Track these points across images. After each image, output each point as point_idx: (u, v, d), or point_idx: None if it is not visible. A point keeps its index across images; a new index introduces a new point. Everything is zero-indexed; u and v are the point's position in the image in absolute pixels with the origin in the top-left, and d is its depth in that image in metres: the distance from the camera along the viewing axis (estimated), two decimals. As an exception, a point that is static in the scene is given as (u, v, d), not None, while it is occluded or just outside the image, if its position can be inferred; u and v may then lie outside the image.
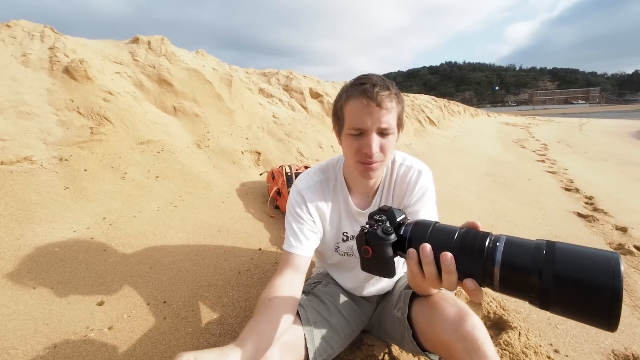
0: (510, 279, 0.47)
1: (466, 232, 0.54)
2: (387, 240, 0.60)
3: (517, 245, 0.48)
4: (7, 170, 1.64)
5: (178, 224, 1.80)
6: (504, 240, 0.49)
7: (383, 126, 0.79)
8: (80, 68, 2.41)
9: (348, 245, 1.01)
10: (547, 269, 0.43)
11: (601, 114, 33.06)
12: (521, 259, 0.46)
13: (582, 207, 3.06)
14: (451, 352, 0.72)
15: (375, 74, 0.84)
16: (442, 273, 0.53)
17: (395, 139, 0.85)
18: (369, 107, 0.78)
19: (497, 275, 0.48)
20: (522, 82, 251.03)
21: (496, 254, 0.48)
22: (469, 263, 0.51)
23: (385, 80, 0.82)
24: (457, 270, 0.52)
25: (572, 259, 0.43)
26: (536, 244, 0.47)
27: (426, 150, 5.79)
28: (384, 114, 0.78)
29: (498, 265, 0.47)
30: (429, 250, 0.54)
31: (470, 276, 0.51)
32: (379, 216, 0.64)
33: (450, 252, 0.52)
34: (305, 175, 1.00)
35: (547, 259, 0.44)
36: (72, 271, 1.33)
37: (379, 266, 0.63)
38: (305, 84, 5.00)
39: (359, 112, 0.79)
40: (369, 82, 0.79)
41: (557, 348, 1.24)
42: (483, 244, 0.50)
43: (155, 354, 1.04)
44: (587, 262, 0.41)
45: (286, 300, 0.78)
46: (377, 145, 0.79)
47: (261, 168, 2.92)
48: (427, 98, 12.39)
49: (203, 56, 3.80)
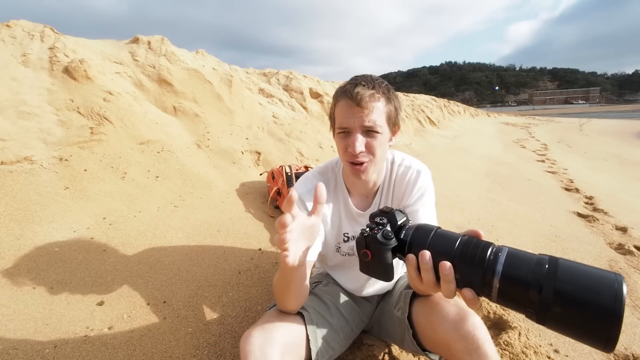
0: (509, 291, 0.47)
1: (468, 241, 0.53)
2: (387, 245, 0.59)
3: (518, 258, 0.48)
4: (7, 170, 1.64)
5: (178, 224, 1.80)
6: (505, 252, 0.49)
7: (366, 124, 0.81)
8: (80, 68, 2.41)
9: (349, 246, 1.01)
10: (547, 284, 0.43)
11: (601, 114, 33.06)
12: (522, 273, 0.46)
13: (582, 207, 3.06)
14: (452, 352, 0.72)
15: (368, 75, 0.86)
16: (441, 281, 0.53)
17: (386, 138, 0.86)
18: (351, 107, 0.81)
19: (496, 287, 0.47)
20: (522, 82, 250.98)
21: (497, 266, 0.48)
22: (468, 272, 0.50)
23: (374, 81, 0.83)
24: (456, 278, 0.52)
25: (575, 277, 0.42)
26: (538, 258, 0.46)
27: (426, 150, 5.79)
28: (366, 114, 0.80)
29: (498, 276, 0.47)
30: (428, 258, 0.54)
31: (469, 285, 0.51)
32: (380, 218, 0.63)
33: (449, 262, 0.51)
34: (304, 179, 1.01)
35: (549, 275, 0.43)
36: (72, 271, 1.33)
37: (377, 270, 0.62)
38: (305, 83, 5.00)
39: (343, 113, 0.83)
40: (354, 82, 0.82)
41: (557, 348, 1.24)
42: (484, 254, 0.50)
43: (155, 354, 1.04)
44: (589, 282, 0.41)
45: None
46: (361, 144, 0.81)
47: (261, 168, 2.92)
48: (427, 98, 12.39)
49: (203, 56, 3.80)
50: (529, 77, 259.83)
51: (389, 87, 0.86)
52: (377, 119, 0.81)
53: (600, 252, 2.06)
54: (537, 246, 2.11)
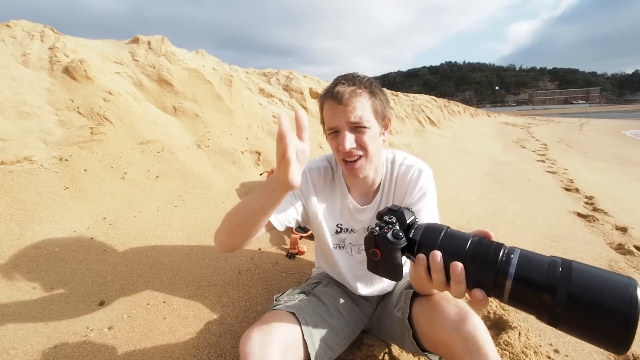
0: (521, 293, 0.46)
1: (479, 242, 0.53)
2: (397, 244, 0.59)
3: (531, 260, 0.47)
4: (7, 170, 1.64)
5: (178, 224, 1.80)
6: (518, 254, 0.49)
7: (352, 121, 0.81)
8: (80, 68, 2.41)
9: (340, 238, 1.01)
10: (561, 287, 0.43)
11: (601, 114, 33.07)
12: (535, 275, 0.45)
13: (582, 207, 3.06)
14: (452, 352, 0.72)
15: (350, 73, 0.87)
16: (451, 282, 0.53)
17: (376, 132, 0.86)
18: (335, 107, 0.82)
19: (508, 289, 0.47)
20: (522, 82, 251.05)
21: (509, 268, 0.47)
22: (480, 273, 0.50)
23: (354, 77, 0.84)
24: (467, 279, 0.51)
25: (589, 281, 0.42)
26: (551, 260, 0.46)
27: (426, 150, 5.79)
28: (350, 110, 0.81)
29: (511, 278, 0.47)
30: (440, 259, 0.54)
31: (480, 286, 0.50)
32: (389, 217, 0.62)
33: (461, 262, 0.51)
34: (312, 159, 1.04)
35: (563, 278, 0.43)
36: (72, 271, 1.33)
37: (386, 270, 0.62)
38: (305, 83, 5.00)
39: (329, 113, 0.85)
40: (335, 82, 0.84)
41: (557, 348, 1.24)
42: (496, 255, 0.49)
43: (155, 354, 1.04)
44: (603, 286, 0.41)
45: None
46: (350, 141, 0.82)
47: (261, 168, 2.92)
48: (427, 98, 12.39)
49: (203, 56, 3.80)
50: (529, 77, 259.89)
51: (371, 82, 0.86)
52: (362, 114, 0.82)
53: (600, 252, 2.06)
54: (537, 246, 2.11)
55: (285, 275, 1.53)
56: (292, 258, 1.68)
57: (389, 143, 5.50)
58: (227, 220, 0.81)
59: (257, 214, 0.73)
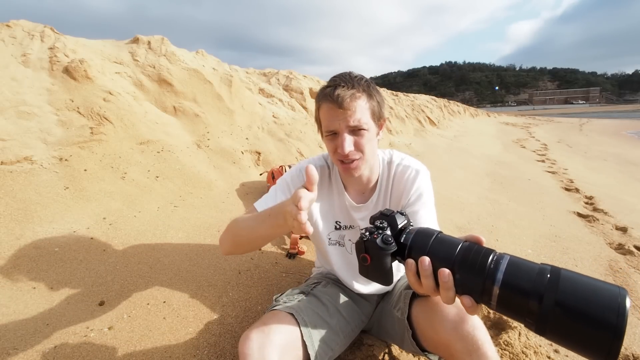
0: (508, 300, 0.46)
1: (469, 247, 0.52)
2: (386, 250, 0.58)
3: (520, 266, 0.47)
4: (7, 170, 1.64)
5: (178, 224, 1.80)
6: (507, 260, 0.48)
7: (352, 124, 0.82)
8: (80, 68, 2.41)
9: (340, 234, 1.02)
10: (548, 295, 0.42)
11: (601, 114, 33.08)
12: (523, 282, 0.45)
13: (582, 207, 3.06)
14: (451, 352, 0.72)
15: (347, 73, 0.86)
16: (440, 288, 0.53)
17: (373, 134, 0.87)
18: (334, 110, 0.82)
19: (495, 295, 0.47)
20: (522, 82, 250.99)
21: (497, 274, 0.47)
22: (468, 279, 0.50)
23: (352, 79, 0.84)
24: (455, 285, 0.51)
25: (577, 289, 0.41)
26: (540, 267, 0.46)
27: (426, 150, 5.79)
28: (350, 114, 0.81)
29: (498, 284, 0.46)
30: (428, 264, 0.53)
31: (468, 293, 0.50)
32: (381, 222, 0.62)
33: (448, 269, 0.51)
34: (311, 158, 1.07)
35: (550, 285, 0.43)
36: (72, 271, 1.33)
37: (376, 274, 0.62)
38: (305, 83, 5.00)
39: (327, 116, 0.84)
40: (333, 84, 0.83)
41: (557, 348, 1.24)
42: (485, 261, 0.49)
43: (155, 354, 1.04)
44: (592, 295, 0.40)
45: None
46: (349, 144, 0.82)
47: (261, 168, 2.92)
48: (427, 98, 12.40)
49: (203, 56, 3.80)
50: (529, 77, 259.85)
51: (368, 83, 0.86)
52: (361, 117, 0.82)
53: (600, 252, 2.06)
54: (537, 246, 2.11)
55: (285, 275, 1.53)
56: (292, 258, 1.68)
57: (388, 143, 5.50)
58: (232, 233, 0.86)
59: (262, 239, 0.80)
